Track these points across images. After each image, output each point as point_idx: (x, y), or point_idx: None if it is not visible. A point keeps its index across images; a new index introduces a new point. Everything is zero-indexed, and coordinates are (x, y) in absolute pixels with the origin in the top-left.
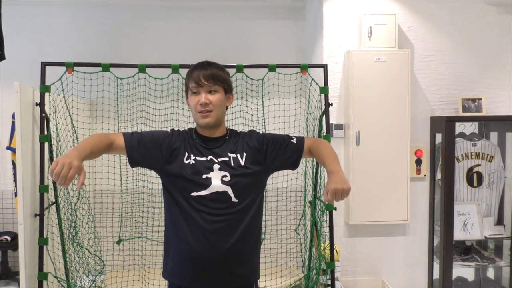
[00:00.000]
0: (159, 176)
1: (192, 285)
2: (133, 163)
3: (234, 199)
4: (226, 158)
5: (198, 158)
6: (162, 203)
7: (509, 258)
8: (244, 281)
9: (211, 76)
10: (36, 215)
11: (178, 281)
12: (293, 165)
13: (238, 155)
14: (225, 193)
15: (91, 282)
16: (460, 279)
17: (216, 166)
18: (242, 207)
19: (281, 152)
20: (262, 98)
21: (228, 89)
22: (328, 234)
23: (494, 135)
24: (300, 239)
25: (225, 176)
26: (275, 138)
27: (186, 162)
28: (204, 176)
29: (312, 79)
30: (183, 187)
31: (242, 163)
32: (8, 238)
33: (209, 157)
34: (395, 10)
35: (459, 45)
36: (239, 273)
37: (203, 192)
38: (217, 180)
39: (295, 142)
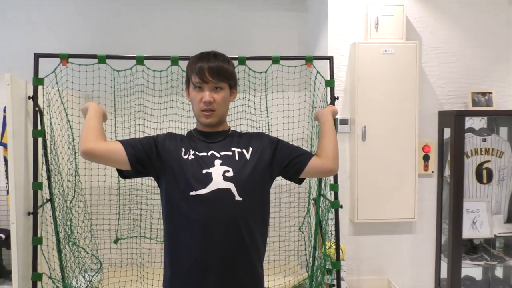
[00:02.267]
0: (157, 184)
1: None
2: (132, 160)
3: (237, 197)
4: (229, 153)
5: (198, 153)
6: (161, 200)
7: None
8: None
9: (217, 71)
10: (29, 214)
11: None
12: (299, 169)
13: (244, 150)
14: (228, 190)
15: (87, 282)
16: (468, 278)
17: (217, 161)
18: (246, 207)
19: (290, 150)
20: (266, 91)
21: (233, 85)
22: (333, 232)
23: (504, 130)
24: (304, 237)
25: (228, 171)
26: (287, 142)
27: (185, 157)
28: (204, 171)
29: (318, 72)
30: (180, 186)
31: (248, 157)
32: (2, 236)
33: (210, 152)
34: (403, 1)
35: (469, 37)
36: (246, 282)
37: (202, 191)
38: (218, 176)
39: (306, 150)
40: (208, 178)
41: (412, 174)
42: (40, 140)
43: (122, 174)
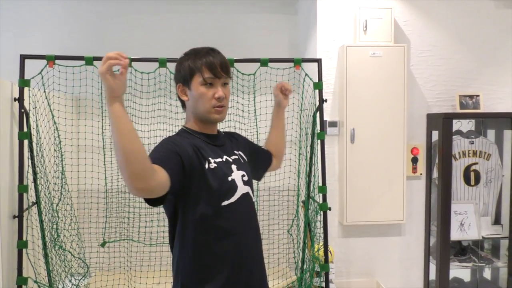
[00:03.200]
0: (177, 200)
1: None
2: (172, 188)
3: (253, 199)
4: (236, 156)
5: (216, 160)
6: (180, 213)
7: (506, 259)
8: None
9: (226, 66)
10: (14, 217)
11: None
12: (265, 169)
13: (241, 152)
14: (248, 194)
15: (74, 287)
16: (457, 280)
17: (234, 167)
18: (255, 207)
19: (257, 149)
20: (254, 93)
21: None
22: (322, 235)
23: (491, 133)
24: (293, 240)
25: (244, 175)
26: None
27: (206, 167)
28: (229, 179)
29: (306, 74)
30: (210, 197)
31: (246, 158)
32: None
33: (224, 157)
34: (391, 4)
35: (456, 40)
36: (265, 274)
37: (232, 199)
38: (240, 182)
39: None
40: (234, 185)
41: (401, 176)
42: (26, 142)
43: (154, 201)
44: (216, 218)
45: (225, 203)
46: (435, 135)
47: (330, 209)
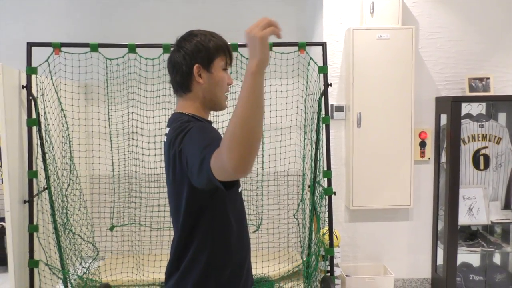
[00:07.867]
0: (213, 196)
1: None
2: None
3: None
4: None
5: None
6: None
7: None
8: None
9: None
10: (25, 202)
11: None
12: None
13: None
14: None
15: (85, 269)
16: (465, 265)
17: None
18: None
19: None
20: None
21: None
22: (327, 219)
23: (502, 116)
24: (299, 224)
25: None
26: None
27: None
28: None
29: (311, 58)
30: (236, 185)
31: None
32: (4, 224)
33: None
34: None
35: (466, 22)
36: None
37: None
38: None
39: None
40: None
41: (408, 161)
42: (34, 129)
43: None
44: (239, 203)
45: (240, 188)
46: (444, 118)
47: (335, 193)
